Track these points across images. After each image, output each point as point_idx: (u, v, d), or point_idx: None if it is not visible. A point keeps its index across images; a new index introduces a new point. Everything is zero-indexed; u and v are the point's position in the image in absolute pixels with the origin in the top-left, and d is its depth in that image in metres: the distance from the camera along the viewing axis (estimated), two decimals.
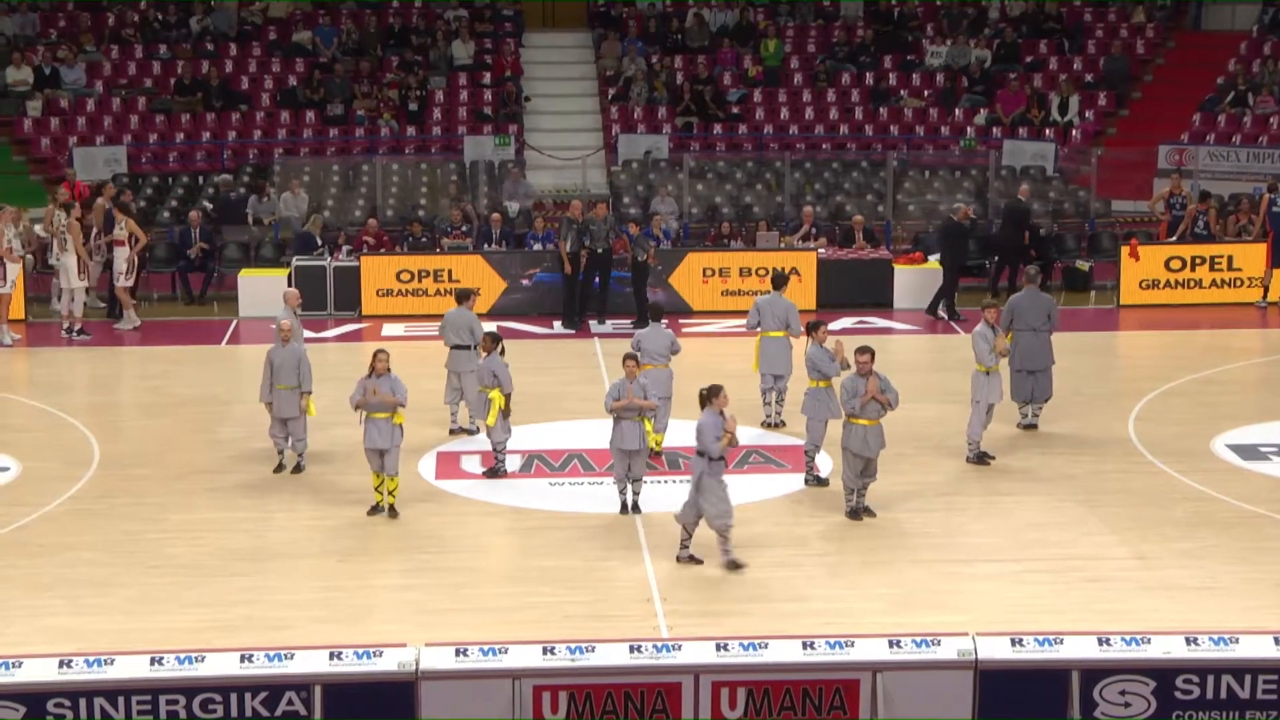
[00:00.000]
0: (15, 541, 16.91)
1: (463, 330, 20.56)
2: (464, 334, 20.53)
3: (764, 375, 20.93)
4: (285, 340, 19.21)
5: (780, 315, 20.86)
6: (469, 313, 20.70)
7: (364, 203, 32.70)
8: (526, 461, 19.64)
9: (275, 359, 19.15)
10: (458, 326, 20.61)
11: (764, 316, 20.93)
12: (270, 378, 19.12)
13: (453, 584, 15.80)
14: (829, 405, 18.38)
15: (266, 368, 19.15)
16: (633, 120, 36.44)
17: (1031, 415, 20.85)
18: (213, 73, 36.33)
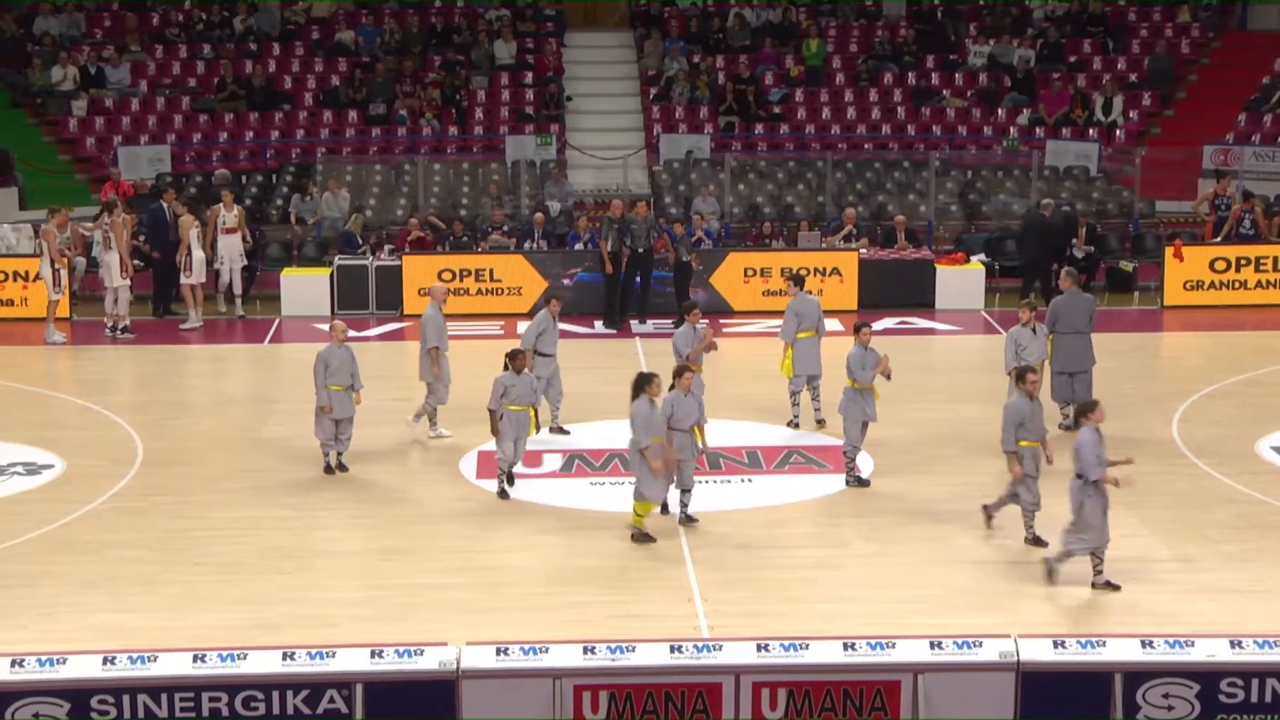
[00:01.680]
0: (60, 539, 17.03)
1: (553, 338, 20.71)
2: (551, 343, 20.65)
3: (797, 377, 20.86)
4: (340, 341, 19.11)
5: (814, 315, 20.80)
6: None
7: (405, 202, 32.79)
8: (567, 461, 19.67)
9: (331, 360, 19.04)
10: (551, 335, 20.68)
11: (802, 318, 20.82)
12: (324, 378, 18.99)
13: (494, 583, 15.83)
14: (864, 407, 18.32)
15: (320, 369, 19.04)
16: (674, 120, 36.43)
17: (1072, 416, 20.79)
18: (256, 72, 36.48)
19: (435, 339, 20.48)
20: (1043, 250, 28.29)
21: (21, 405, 22.53)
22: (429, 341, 20.51)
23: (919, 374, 23.26)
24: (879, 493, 17.93)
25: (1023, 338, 19.48)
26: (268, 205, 32.73)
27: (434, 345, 20.47)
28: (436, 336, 20.49)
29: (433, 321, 20.52)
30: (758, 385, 20.78)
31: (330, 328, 19.42)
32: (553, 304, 20.85)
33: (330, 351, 19.05)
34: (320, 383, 18.98)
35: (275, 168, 34.55)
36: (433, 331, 20.49)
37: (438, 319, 20.54)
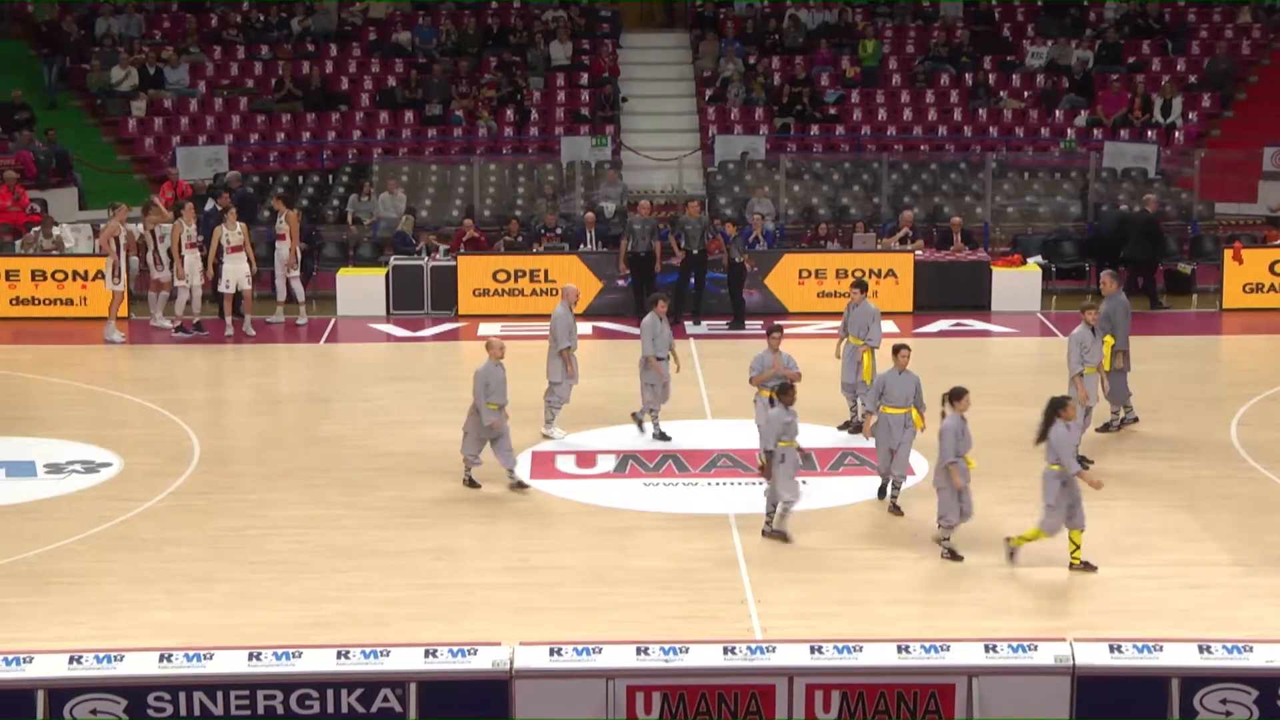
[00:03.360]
0: (118, 536, 17.15)
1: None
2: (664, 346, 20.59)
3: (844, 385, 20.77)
4: (498, 359, 18.49)
5: (863, 322, 20.64)
6: None
7: (461, 203, 32.88)
8: (621, 462, 19.68)
9: (491, 378, 18.38)
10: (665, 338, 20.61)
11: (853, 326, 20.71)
12: (485, 396, 18.31)
13: (547, 583, 15.86)
14: (895, 433, 17.81)
15: (480, 388, 18.36)
16: (729, 121, 36.40)
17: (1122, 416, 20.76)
18: (313, 73, 36.67)
19: (565, 339, 20.36)
20: (1147, 247, 28.20)
21: (80, 403, 22.72)
22: (560, 342, 20.38)
23: (974, 376, 23.05)
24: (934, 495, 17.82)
25: (1085, 339, 19.31)
26: (324, 205, 32.88)
27: (565, 346, 20.35)
28: (566, 336, 20.36)
29: (562, 321, 20.43)
30: (812, 387, 20.71)
31: (487, 345, 18.67)
32: (659, 305, 20.57)
33: (490, 370, 18.34)
34: (481, 402, 18.29)
35: (331, 168, 34.71)
36: (563, 331, 20.38)
37: (568, 318, 20.46)
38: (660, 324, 20.49)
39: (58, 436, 20.67)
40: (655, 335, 20.37)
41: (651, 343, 20.35)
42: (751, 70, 37.46)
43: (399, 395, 22.95)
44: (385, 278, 28.26)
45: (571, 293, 20.99)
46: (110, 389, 23.40)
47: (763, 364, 19.04)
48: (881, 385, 18.15)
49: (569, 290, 21.05)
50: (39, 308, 27.82)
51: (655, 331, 20.39)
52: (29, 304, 27.85)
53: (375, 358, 25.96)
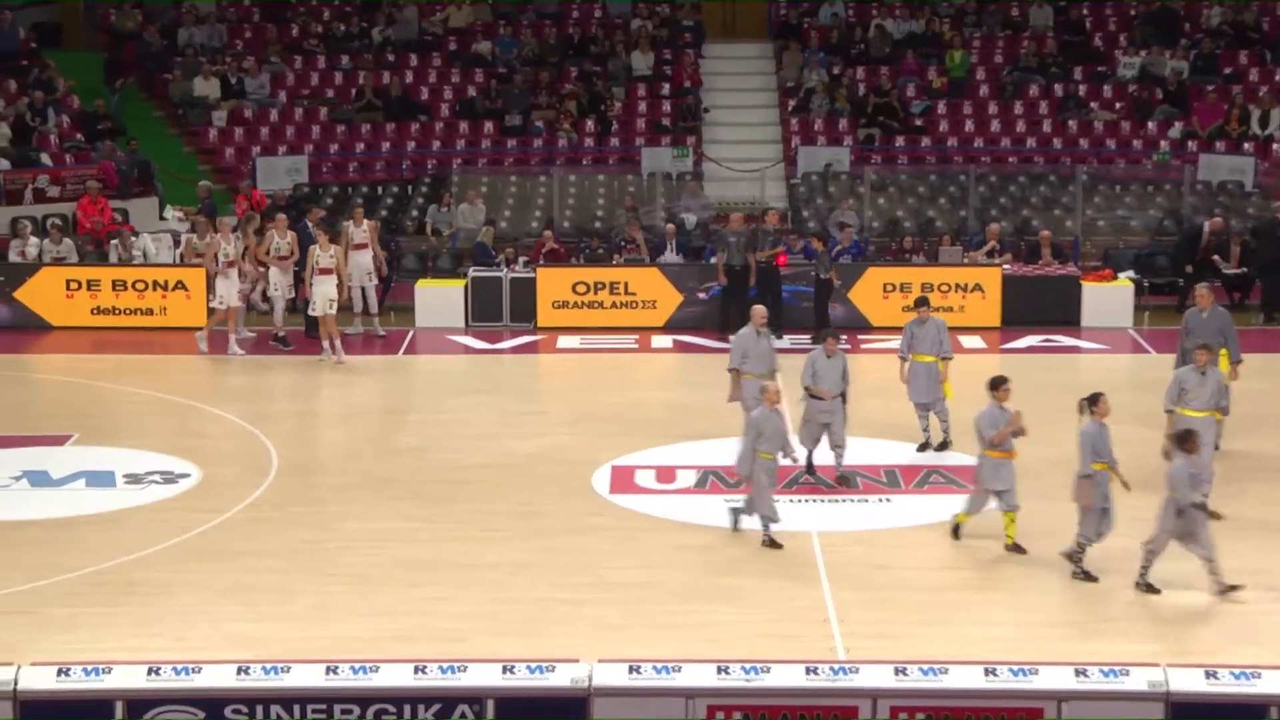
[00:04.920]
0: (196, 547, 17.27)
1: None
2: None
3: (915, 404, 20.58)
4: (774, 404, 17.45)
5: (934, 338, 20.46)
6: None
7: (540, 214, 32.96)
8: (702, 478, 19.63)
9: (765, 425, 17.30)
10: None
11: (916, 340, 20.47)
12: (753, 443, 17.29)
13: (626, 599, 15.83)
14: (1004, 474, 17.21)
15: (752, 434, 17.35)
16: (813, 132, 36.29)
17: None
18: (393, 83, 36.87)
19: (735, 360, 19.78)
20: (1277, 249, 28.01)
21: (159, 414, 22.92)
22: (731, 360, 19.87)
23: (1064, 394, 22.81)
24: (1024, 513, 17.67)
25: (1188, 381, 18.61)
26: (403, 216, 33.03)
27: (731, 366, 19.82)
28: (739, 358, 19.75)
29: (737, 343, 19.85)
30: (897, 403, 20.61)
31: (761, 390, 17.81)
32: (829, 343, 19.40)
33: (764, 417, 17.38)
34: (749, 449, 17.31)
35: (411, 179, 34.88)
36: (735, 352, 19.83)
37: (742, 341, 19.75)
38: (757, 338, 19.78)
39: (137, 447, 20.86)
40: (746, 350, 19.75)
41: (740, 356, 19.75)
42: (836, 80, 37.34)
43: (477, 408, 23.01)
44: (464, 289, 28.35)
45: (759, 315, 19.91)
46: (189, 400, 23.59)
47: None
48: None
49: (756, 312, 19.97)
50: (119, 317, 28.09)
51: (747, 346, 19.76)
52: (109, 313, 28.12)
53: (453, 370, 26.05)
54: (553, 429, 21.96)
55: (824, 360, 19.20)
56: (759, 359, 19.67)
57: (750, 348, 19.73)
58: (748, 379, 19.47)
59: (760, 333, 19.79)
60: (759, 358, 19.68)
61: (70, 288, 28.17)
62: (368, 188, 34.49)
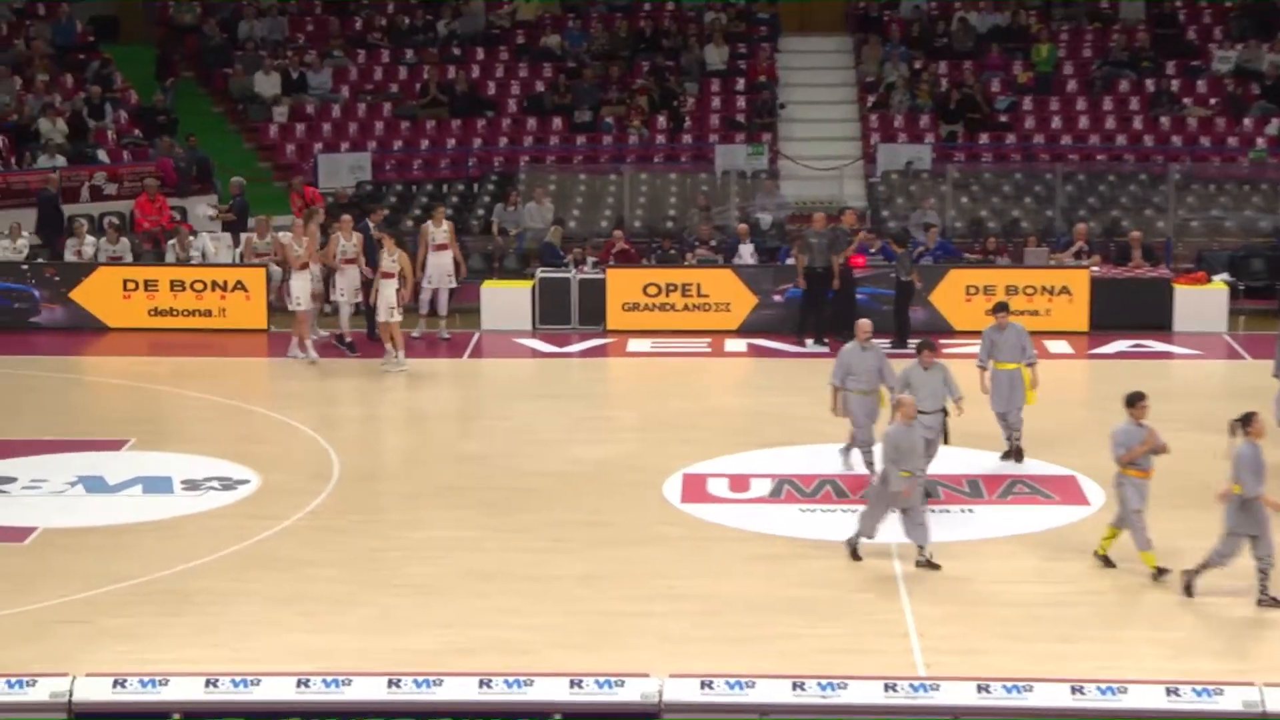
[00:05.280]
0: (256, 555, 17.39)
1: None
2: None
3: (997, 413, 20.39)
4: (910, 419, 17.15)
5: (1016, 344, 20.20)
6: None
7: (610, 213, 33.01)
8: (777, 486, 19.59)
9: (902, 442, 16.98)
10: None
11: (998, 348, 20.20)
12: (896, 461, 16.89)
13: (698, 611, 15.82)
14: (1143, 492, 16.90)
15: (890, 450, 16.98)
16: (893, 129, 36.18)
17: None
18: (459, 78, 37.03)
19: (837, 377, 19.41)
20: None
21: (218, 418, 23.09)
22: (833, 375, 19.48)
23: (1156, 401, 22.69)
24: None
25: None
26: (469, 215, 33.15)
27: (832, 382, 19.47)
28: (840, 374, 19.38)
29: (841, 358, 19.51)
30: (978, 410, 20.49)
31: (897, 404, 17.57)
32: (925, 355, 18.89)
33: (900, 432, 17.02)
34: (891, 469, 16.85)
35: (477, 177, 35.01)
36: (838, 367, 19.47)
37: (846, 356, 19.39)
38: (862, 353, 19.32)
39: (195, 452, 21.02)
40: (850, 365, 19.33)
41: (844, 372, 19.33)
42: (917, 75, 37.22)
43: (544, 413, 23.06)
44: (531, 291, 28.43)
45: (864, 328, 19.47)
46: (249, 404, 23.75)
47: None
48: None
49: (861, 325, 19.56)
50: (177, 318, 28.30)
51: (850, 361, 19.34)
52: (167, 315, 28.35)
53: (520, 374, 26.13)
54: (622, 435, 21.98)
55: (919, 373, 18.79)
56: (864, 375, 19.32)
57: (854, 363, 19.35)
58: (853, 395, 19.23)
59: (865, 347, 19.37)
60: (864, 373, 19.32)
61: (127, 288, 28.43)
62: (432, 186, 34.64)
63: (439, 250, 27.12)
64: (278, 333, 27.91)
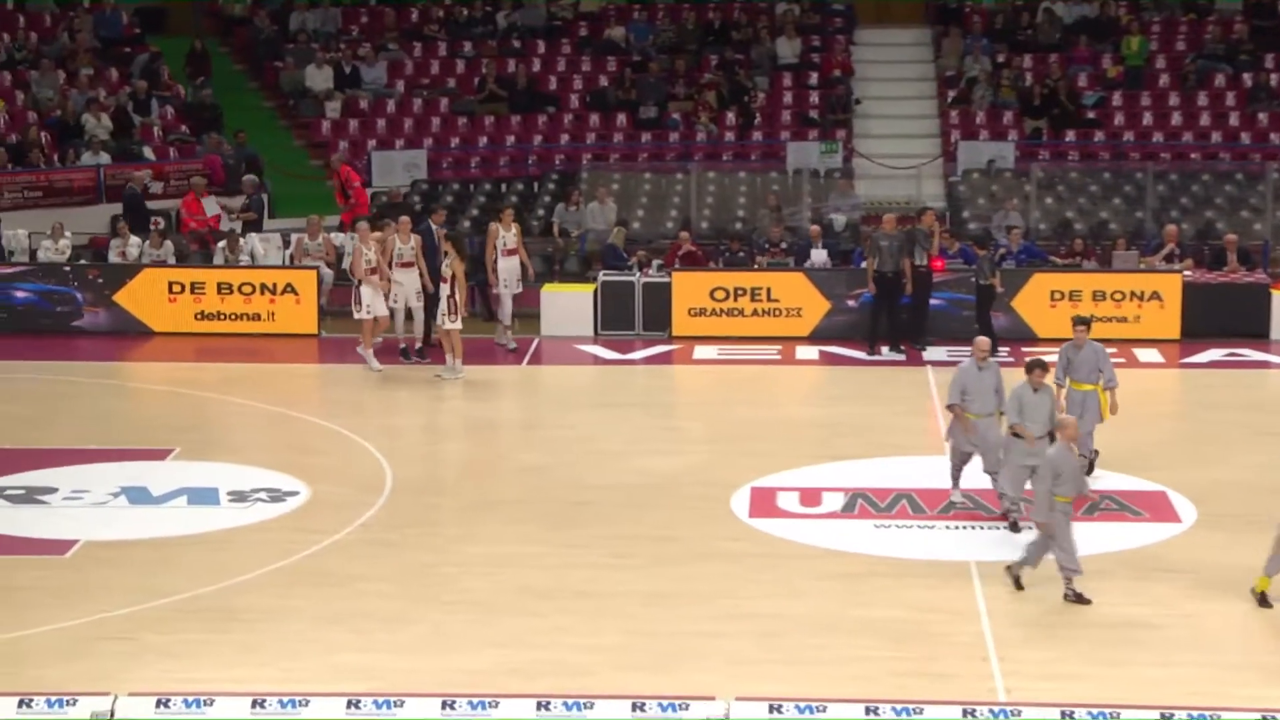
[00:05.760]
0: (304, 570, 17.46)
1: None
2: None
3: None
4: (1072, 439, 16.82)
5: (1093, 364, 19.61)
6: None
7: (677, 214, 33.02)
8: (850, 501, 19.54)
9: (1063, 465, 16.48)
10: None
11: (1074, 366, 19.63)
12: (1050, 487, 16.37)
13: (766, 632, 15.79)
14: None
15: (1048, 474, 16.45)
16: (974, 126, 36.07)
17: None
18: (519, 72, 37.13)
19: (954, 397, 18.69)
20: None
21: (267, 427, 23.22)
22: (949, 396, 18.83)
23: (1253, 413, 22.62)
24: (1206, 544, 17.45)
25: None
26: (529, 216, 33.23)
27: (950, 403, 18.76)
28: (956, 394, 18.66)
29: (957, 378, 18.78)
30: None
31: (1060, 426, 16.96)
32: (1035, 374, 18.10)
33: (1061, 456, 16.47)
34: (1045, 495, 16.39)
35: (537, 175, 35.10)
36: (954, 387, 18.75)
37: (962, 376, 18.72)
38: (979, 372, 18.66)
39: (242, 462, 21.13)
40: (966, 386, 18.65)
41: (960, 393, 18.66)
42: (1000, 69, 37.10)
43: (606, 423, 23.08)
44: (593, 295, 28.46)
45: (981, 346, 18.85)
46: (299, 412, 23.87)
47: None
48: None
49: (979, 343, 18.91)
50: (225, 323, 28.47)
51: (967, 381, 18.67)
52: (214, 319, 28.52)
53: (581, 381, 26.16)
54: (688, 447, 21.97)
55: (1030, 395, 18.07)
56: (981, 396, 18.64)
57: (970, 383, 18.67)
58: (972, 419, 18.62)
59: (982, 366, 18.71)
60: (981, 394, 18.64)
61: (173, 290, 28.62)
62: (490, 185, 34.76)
63: (509, 255, 26.97)
64: (329, 338, 28.03)
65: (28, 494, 19.71)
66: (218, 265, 29.25)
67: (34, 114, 34.72)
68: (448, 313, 24.96)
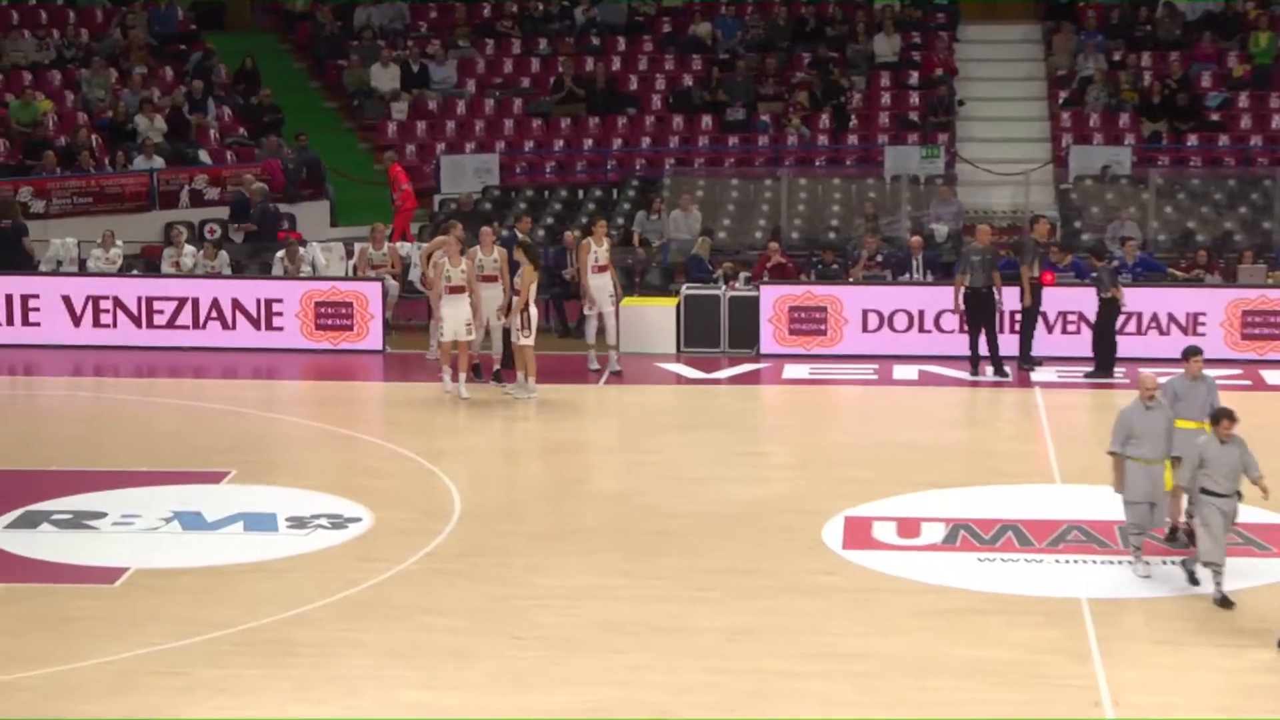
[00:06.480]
0: (367, 602, 17.54)
1: None
2: None
3: None
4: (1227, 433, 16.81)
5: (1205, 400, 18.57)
6: None
7: (766, 223, 33.03)
8: (951, 532, 19.47)
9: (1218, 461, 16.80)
10: None
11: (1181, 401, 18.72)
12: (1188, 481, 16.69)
13: (858, 672, 15.75)
14: None
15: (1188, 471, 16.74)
16: (1088, 129, 35.94)
17: None
18: (598, 71, 37.25)
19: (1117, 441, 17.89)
20: None
21: (328, 448, 23.35)
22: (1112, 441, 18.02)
23: None
24: None
25: None
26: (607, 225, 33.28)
27: (1112, 449, 17.96)
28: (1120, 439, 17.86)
29: (1121, 420, 17.92)
30: None
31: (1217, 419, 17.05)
32: (1223, 426, 17.05)
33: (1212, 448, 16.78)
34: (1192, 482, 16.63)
35: (616, 181, 35.20)
36: (1118, 431, 17.88)
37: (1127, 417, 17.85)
38: (1145, 412, 17.79)
39: (302, 486, 21.25)
40: (1132, 427, 17.82)
41: (1124, 438, 17.83)
42: (1116, 68, 36.94)
43: (689, 447, 23.08)
44: (676, 310, 28.49)
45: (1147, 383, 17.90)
46: (362, 433, 23.99)
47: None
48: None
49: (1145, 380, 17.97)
50: (284, 336, 28.64)
51: (1133, 422, 17.84)
52: (272, 332, 28.71)
53: (662, 402, 26.17)
54: (777, 473, 21.95)
55: (1215, 448, 17.13)
56: (1150, 439, 17.81)
57: (1136, 423, 17.88)
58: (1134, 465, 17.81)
59: (1149, 405, 17.88)
60: (1150, 437, 17.81)
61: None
62: (566, 192, 34.88)
63: (600, 272, 26.67)
64: (394, 353, 28.18)
65: (75, 519, 19.89)
66: (276, 276, 29.45)
67: (84, 115, 35.15)
68: (521, 328, 25.02)
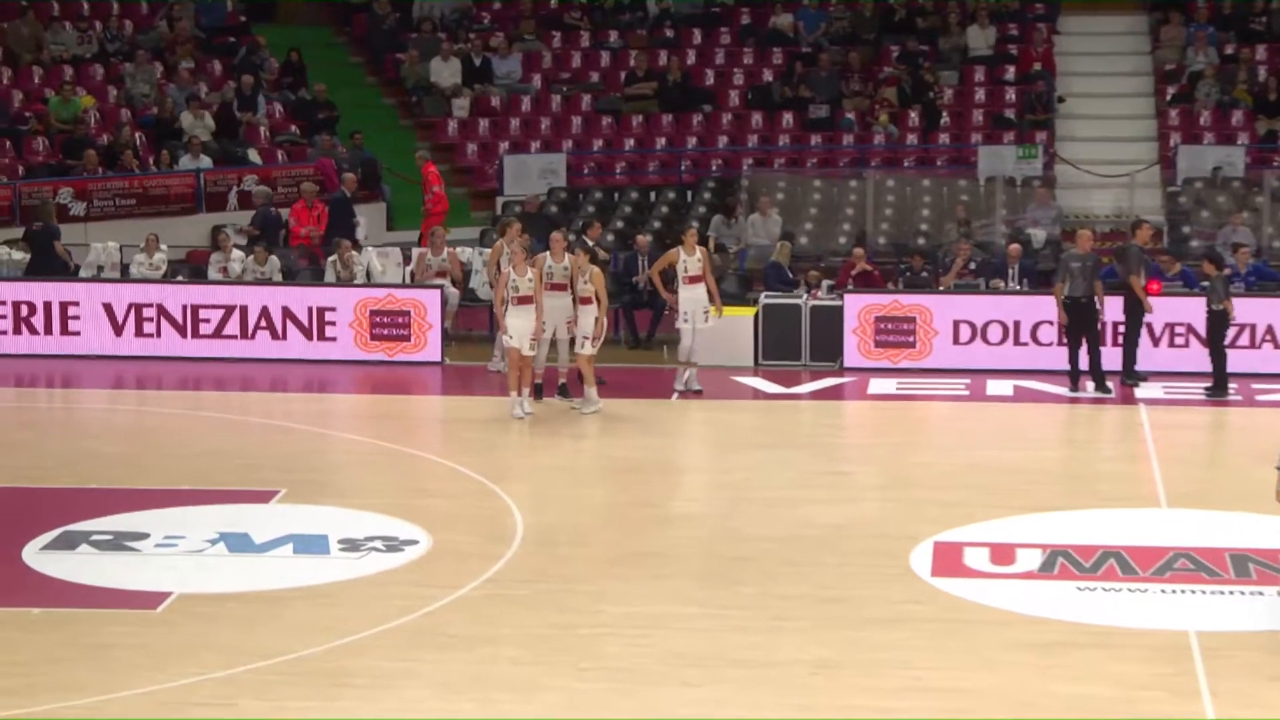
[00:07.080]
0: (423, 630, 17.56)
1: None
2: None
3: None
4: None
5: None
6: None
7: (850, 227, 32.97)
8: (1049, 559, 19.36)
9: None
10: None
11: None
12: None
13: (950, 709, 15.68)
14: None
15: None
16: (1198, 127, 35.74)
17: None
18: (672, 65, 37.27)
19: None
20: None
21: (383, 466, 23.41)
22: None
23: None
24: None
25: None
26: (680, 228, 33.26)
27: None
28: None
29: None
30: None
31: None
32: None
33: None
34: None
35: (691, 182, 35.20)
36: None
37: None
38: None
39: (355, 507, 21.30)
40: None
41: None
42: (1228, 62, 36.72)
43: (767, 466, 23.04)
44: (754, 320, 28.45)
45: None
46: (419, 450, 24.04)
47: None
48: None
49: None
50: (336, 347, 28.74)
51: None
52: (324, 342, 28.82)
53: (739, 419, 26.13)
54: (862, 495, 21.89)
55: None
56: None
57: None
58: None
59: None
60: None
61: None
62: (637, 193, 34.89)
63: (692, 283, 26.18)
64: (453, 365, 28.23)
65: (116, 540, 19.98)
66: (329, 283, 29.52)
67: (127, 112, 35.38)
68: (589, 337, 25.09)
